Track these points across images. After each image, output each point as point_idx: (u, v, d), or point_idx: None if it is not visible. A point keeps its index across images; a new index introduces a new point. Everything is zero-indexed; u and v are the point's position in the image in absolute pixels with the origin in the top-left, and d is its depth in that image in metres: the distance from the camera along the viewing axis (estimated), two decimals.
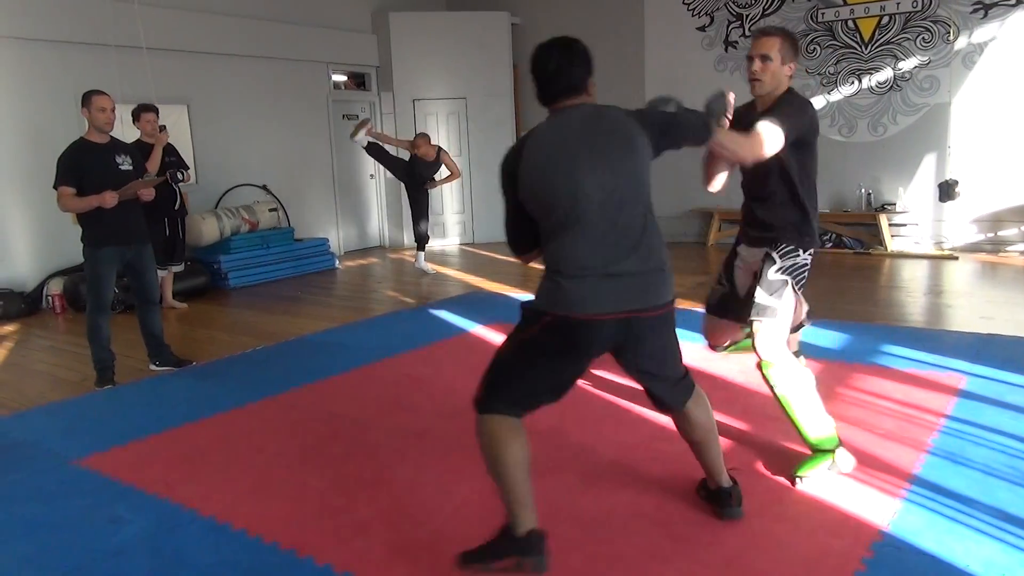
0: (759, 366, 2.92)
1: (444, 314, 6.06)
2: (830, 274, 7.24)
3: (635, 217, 2.18)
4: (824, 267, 7.62)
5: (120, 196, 4.32)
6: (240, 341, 5.53)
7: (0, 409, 4.21)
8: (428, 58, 10.10)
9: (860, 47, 8.39)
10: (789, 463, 2.96)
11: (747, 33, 9.01)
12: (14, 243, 7.08)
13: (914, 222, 8.32)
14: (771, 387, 2.88)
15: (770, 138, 2.68)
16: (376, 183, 10.48)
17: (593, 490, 2.85)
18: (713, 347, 3.66)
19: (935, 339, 4.70)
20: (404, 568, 2.37)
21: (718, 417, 3.44)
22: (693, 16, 9.42)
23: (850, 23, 8.41)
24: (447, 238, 10.52)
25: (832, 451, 2.84)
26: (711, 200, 9.47)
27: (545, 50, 2.25)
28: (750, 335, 2.97)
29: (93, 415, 4.03)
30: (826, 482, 2.81)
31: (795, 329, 3.27)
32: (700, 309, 3.80)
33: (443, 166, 7.87)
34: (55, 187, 4.32)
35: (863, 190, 8.47)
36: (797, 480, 2.81)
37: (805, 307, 3.31)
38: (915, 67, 8.10)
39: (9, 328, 6.39)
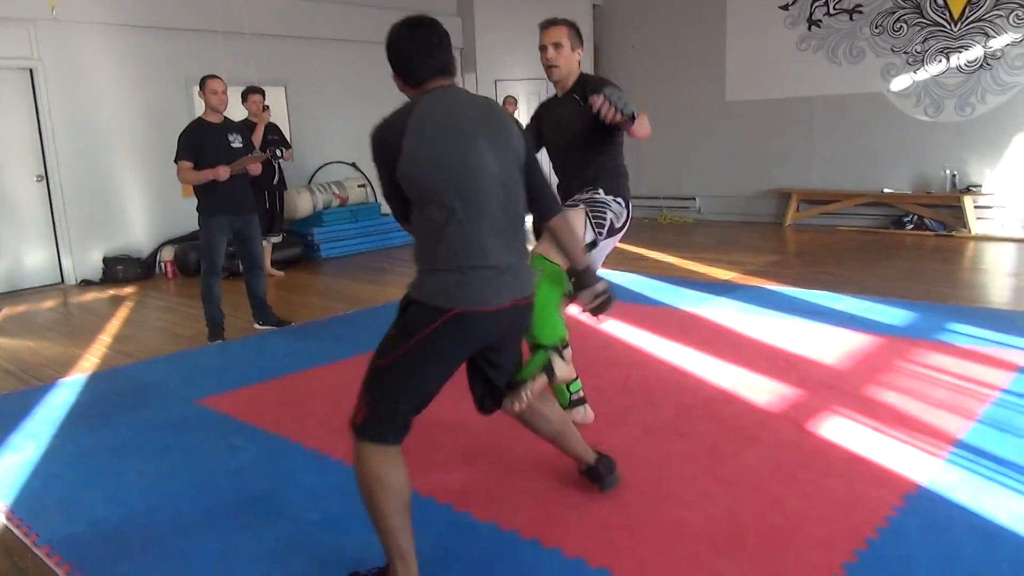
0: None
1: None
2: (909, 255, 7.21)
3: (517, 207, 2.13)
4: (904, 248, 7.58)
5: (232, 170, 4.80)
6: (332, 306, 6.00)
7: (129, 358, 4.78)
8: (510, 39, 10.37)
9: (949, 24, 8.21)
10: (835, 426, 3.17)
11: (831, 12, 8.94)
12: (132, 214, 7.78)
13: (1000, 204, 8.13)
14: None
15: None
16: None
17: (653, 439, 3.12)
18: None
19: (1006, 319, 4.73)
20: (480, 497, 2.70)
21: (771, 383, 3.68)
22: None
23: (939, 0, 8.23)
24: None
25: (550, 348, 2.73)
26: (789, 180, 9.50)
27: (419, 27, 2.10)
28: None
29: (208, 365, 4.54)
30: (867, 440, 3.00)
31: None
32: (772, 286, 3.99)
33: None
34: (176, 161, 4.83)
35: (948, 171, 8.33)
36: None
37: None
38: (1007, 45, 7.89)
39: (128, 290, 7.07)
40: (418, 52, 2.09)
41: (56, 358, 4.84)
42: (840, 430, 3.13)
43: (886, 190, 8.71)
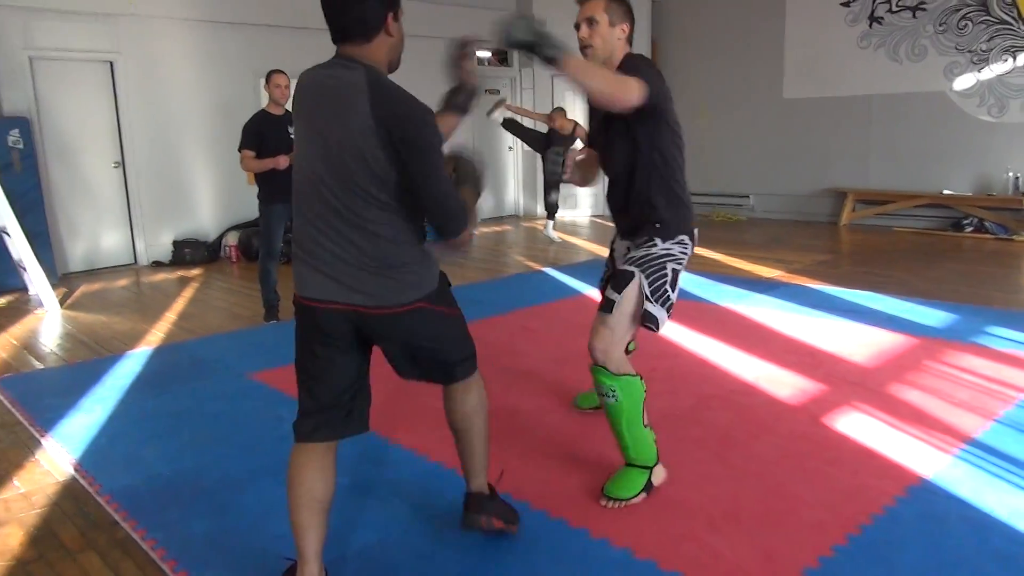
0: (592, 368, 2.60)
1: (563, 277, 6.55)
2: (964, 258, 7.09)
3: (354, 212, 1.90)
4: (961, 251, 7.45)
5: (291, 159, 5.09)
6: None
7: (191, 334, 5.12)
8: (568, 34, 10.45)
9: (1016, 23, 7.99)
10: (851, 420, 3.25)
11: (894, 8, 8.79)
12: (200, 199, 8.23)
13: None
14: (602, 393, 2.58)
15: (631, 83, 2.40)
16: (514, 155, 11.05)
17: (669, 425, 3.25)
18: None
19: None
20: (498, 471, 2.89)
21: (795, 377, 3.75)
22: None
23: None
24: (578, 209, 10.95)
25: (651, 468, 2.65)
26: (846, 180, 9.39)
27: None
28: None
29: (262, 342, 4.85)
30: (880, 435, 3.08)
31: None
32: (815, 285, 3.93)
33: (578, 139, 8.30)
34: (239, 150, 5.14)
35: (1011, 173, 8.12)
36: (606, 501, 2.59)
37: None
38: None
39: (195, 272, 7.49)
40: (324, 9, 1.92)
41: (126, 332, 5.23)
42: (854, 424, 3.21)
43: (945, 191, 8.54)
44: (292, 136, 5.22)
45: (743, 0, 10.01)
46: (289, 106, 5.42)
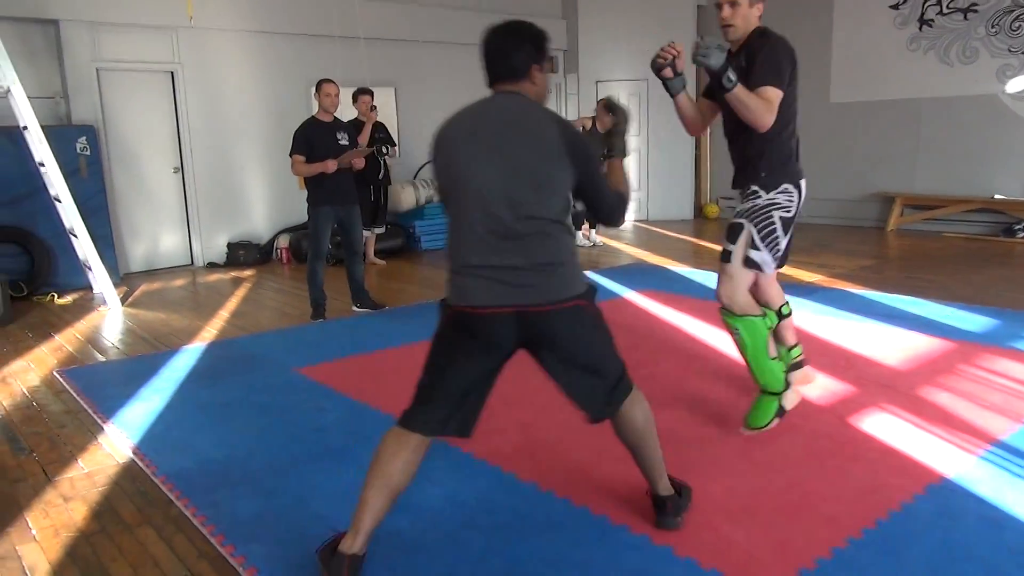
0: (720, 311, 3.13)
1: (603, 280, 6.64)
2: (1014, 264, 6.97)
3: (521, 215, 2.10)
4: (1010, 257, 7.32)
5: (339, 164, 5.31)
6: (427, 293, 6.45)
7: (242, 331, 5.38)
8: (613, 41, 10.58)
9: None
10: (877, 420, 3.28)
11: (944, 11, 8.66)
12: (254, 203, 8.55)
13: None
14: (729, 331, 3.12)
15: (772, 112, 2.88)
16: None
17: (696, 421, 3.33)
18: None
19: None
20: (527, 461, 3.01)
21: (825, 379, 3.79)
22: None
23: None
24: None
25: (779, 394, 3.10)
26: (894, 184, 9.27)
27: (491, 32, 2.24)
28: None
29: (308, 339, 5.06)
30: (905, 435, 3.11)
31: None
32: (856, 290, 3.99)
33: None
34: (290, 155, 5.38)
35: None
36: (747, 430, 3.11)
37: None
38: None
39: (248, 272, 7.80)
40: (483, 55, 2.25)
41: (182, 329, 5.50)
42: (880, 424, 3.24)
43: (997, 196, 8.38)
44: (340, 142, 5.45)
45: (790, 4, 9.96)
46: (339, 113, 5.65)
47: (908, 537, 2.38)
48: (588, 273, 7.07)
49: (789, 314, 3.42)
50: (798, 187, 3.09)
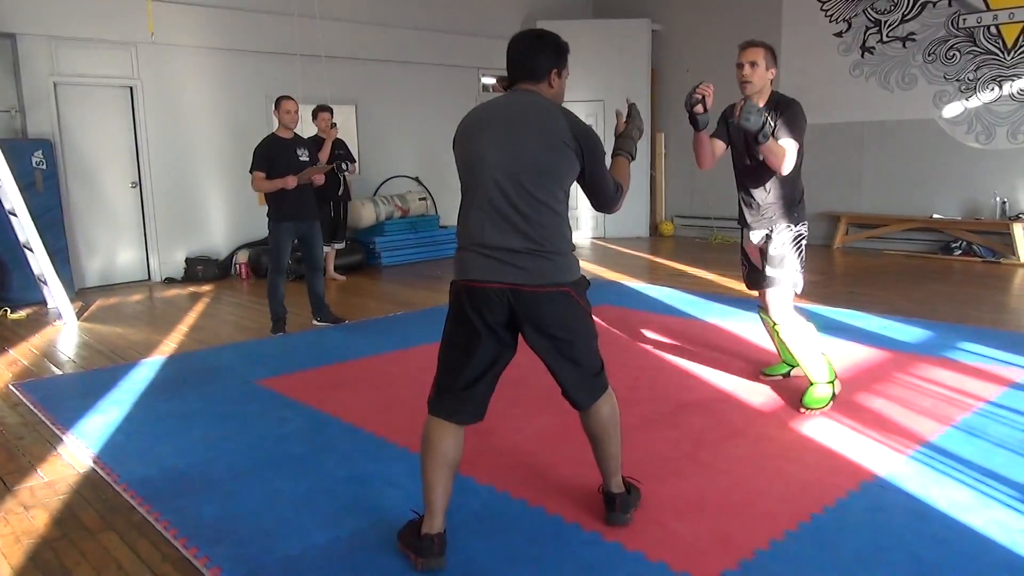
0: (772, 327, 3.82)
1: None
2: (951, 280, 7.31)
3: (529, 200, 2.29)
4: (948, 273, 7.67)
5: (299, 180, 5.38)
6: (386, 307, 6.53)
7: (202, 344, 5.39)
8: (570, 63, 10.79)
9: (1002, 53, 8.27)
10: (817, 425, 3.47)
11: (885, 39, 9.09)
12: (213, 219, 8.54)
13: None
14: (781, 343, 3.87)
15: (792, 160, 3.45)
16: None
17: (647, 429, 3.48)
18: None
19: (1017, 340, 4.88)
20: (485, 465, 3.12)
21: (769, 387, 3.96)
22: (831, 22, 9.56)
23: (992, 29, 8.31)
24: (579, 231, 11.21)
25: (833, 382, 3.69)
26: (839, 204, 9.63)
27: (516, 36, 2.49)
28: (763, 308, 3.85)
29: (268, 352, 5.11)
30: (842, 438, 3.30)
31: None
32: (800, 304, 4.29)
33: None
34: (251, 171, 5.44)
35: (998, 198, 8.36)
36: (804, 411, 3.61)
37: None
38: None
39: (206, 288, 7.79)
40: (511, 57, 2.46)
41: (140, 342, 5.50)
42: (820, 428, 3.43)
43: (935, 216, 8.78)
44: (300, 158, 5.53)
45: (739, 31, 10.30)
46: (299, 130, 5.73)
47: (841, 529, 2.54)
48: None
49: None
50: (807, 222, 3.77)
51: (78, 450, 3.44)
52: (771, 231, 3.66)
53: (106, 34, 7.51)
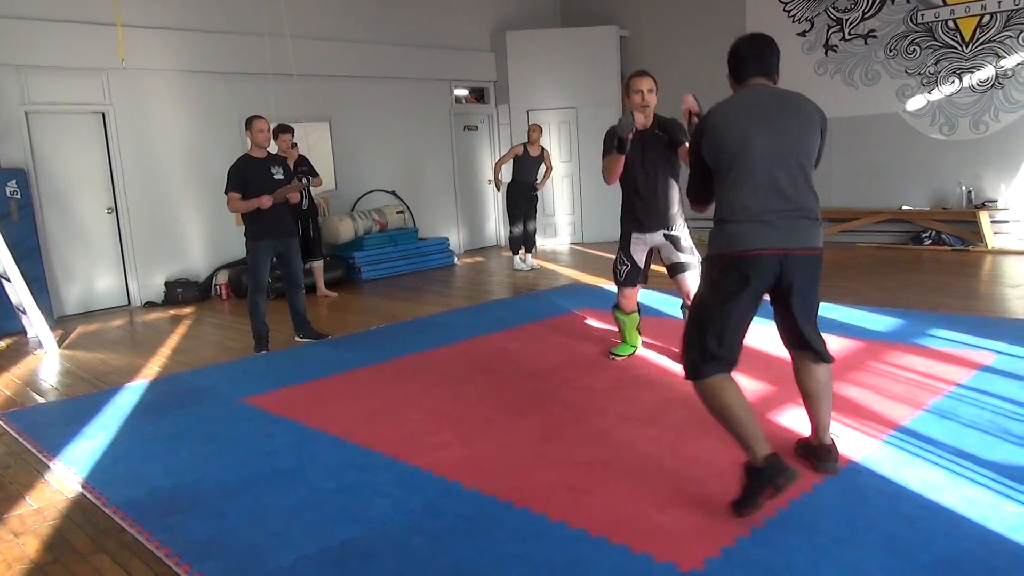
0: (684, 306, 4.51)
1: (540, 302, 6.87)
2: (921, 269, 7.47)
3: (794, 175, 2.64)
4: (918, 263, 7.83)
5: (274, 199, 5.42)
6: (367, 321, 6.56)
7: (185, 366, 5.40)
8: (541, 71, 10.96)
9: (960, 46, 8.48)
10: (793, 415, 3.56)
11: (847, 37, 9.28)
12: (191, 241, 8.54)
13: (1016, 219, 8.31)
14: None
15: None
16: (494, 188, 11.42)
17: (629, 426, 3.55)
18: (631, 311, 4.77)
19: (986, 324, 5.02)
20: (471, 470, 3.18)
21: (746, 380, 4.07)
22: (794, 22, 9.74)
23: (950, 23, 8.52)
24: (558, 237, 11.32)
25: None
26: None
27: (747, 38, 2.83)
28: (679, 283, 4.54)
29: (253, 370, 5.13)
30: None
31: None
32: None
33: (543, 164, 8.77)
34: (226, 192, 5.47)
35: (963, 187, 8.55)
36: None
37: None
38: (1017, 64, 8.13)
39: (187, 310, 7.78)
40: (740, 55, 2.80)
41: (123, 367, 5.50)
42: (796, 418, 3.50)
43: (904, 207, 8.96)
44: (275, 177, 5.57)
45: (705, 34, 10.50)
46: (272, 149, 5.77)
47: (817, 513, 2.63)
48: (528, 295, 7.30)
49: None
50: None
51: (66, 476, 3.45)
52: (668, 229, 4.46)
53: (76, 61, 7.52)
